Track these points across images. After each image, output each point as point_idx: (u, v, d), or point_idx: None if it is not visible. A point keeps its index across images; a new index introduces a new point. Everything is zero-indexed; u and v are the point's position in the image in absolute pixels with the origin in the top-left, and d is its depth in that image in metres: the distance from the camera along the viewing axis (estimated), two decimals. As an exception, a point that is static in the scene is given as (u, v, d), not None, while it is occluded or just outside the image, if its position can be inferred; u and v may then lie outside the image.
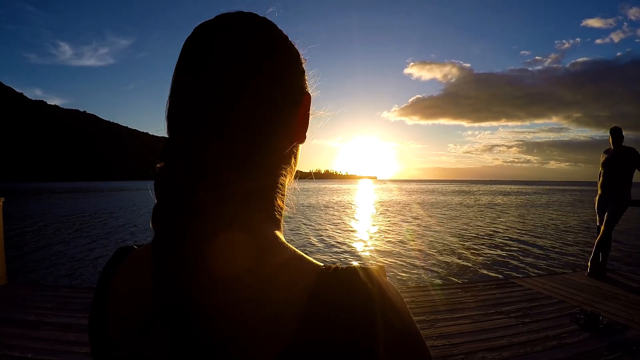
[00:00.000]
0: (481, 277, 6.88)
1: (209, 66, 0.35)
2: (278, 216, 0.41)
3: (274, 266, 0.33)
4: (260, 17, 0.40)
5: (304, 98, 0.41)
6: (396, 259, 8.70)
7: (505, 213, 21.59)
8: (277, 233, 0.38)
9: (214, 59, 0.35)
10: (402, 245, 10.47)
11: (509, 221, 17.11)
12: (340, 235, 12.51)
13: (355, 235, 12.71)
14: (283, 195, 0.42)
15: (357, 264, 0.36)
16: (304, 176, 0.48)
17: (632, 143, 4.86)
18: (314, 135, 0.46)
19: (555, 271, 7.02)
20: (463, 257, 8.82)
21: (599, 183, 5.04)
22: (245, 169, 0.36)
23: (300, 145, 0.44)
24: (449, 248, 10.02)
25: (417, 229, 14.30)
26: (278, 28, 0.41)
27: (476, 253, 9.39)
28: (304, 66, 0.43)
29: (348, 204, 29.40)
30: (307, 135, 0.43)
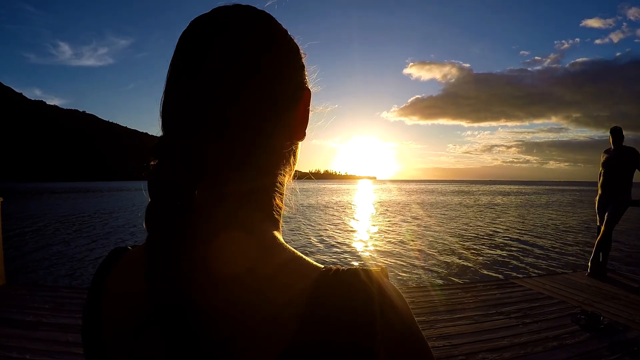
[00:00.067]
0: (481, 278, 6.88)
1: (208, 65, 0.34)
2: (277, 216, 0.40)
3: (273, 267, 0.33)
4: (259, 10, 0.39)
5: (303, 94, 0.40)
6: (396, 259, 8.70)
7: (505, 213, 21.61)
8: (275, 233, 0.37)
9: (213, 58, 0.34)
10: (402, 246, 10.47)
11: (509, 221, 17.12)
12: (340, 235, 12.51)
13: (355, 235, 12.71)
14: (282, 194, 0.42)
15: (359, 265, 0.35)
16: (303, 176, 0.47)
17: (632, 143, 4.86)
18: (315, 133, 0.45)
19: (555, 271, 7.02)
20: (463, 258, 8.82)
21: (599, 183, 5.03)
22: (244, 169, 0.36)
23: (299, 143, 0.43)
24: (449, 248, 10.02)
25: (417, 229, 14.30)
26: (277, 22, 0.40)
27: (476, 253, 9.39)
28: (303, 61, 0.42)
29: (348, 204, 29.42)
30: (307, 132, 0.42)
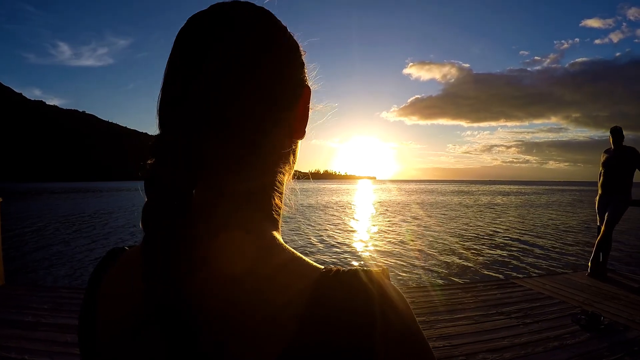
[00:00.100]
0: (481, 278, 6.88)
1: (208, 66, 0.33)
2: (276, 216, 0.40)
3: (272, 267, 0.33)
4: (258, 7, 0.39)
5: (303, 91, 0.40)
6: (396, 259, 8.70)
7: (505, 213, 21.62)
8: (275, 234, 0.37)
9: (213, 58, 0.34)
10: (402, 246, 10.46)
11: (509, 221, 17.13)
12: (340, 235, 12.51)
13: (355, 235, 12.71)
14: (281, 194, 0.41)
15: (359, 266, 0.35)
16: (302, 177, 0.47)
17: (632, 143, 4.87)
18: (314, 133, 0.44)
19: (555, 271, 7.02)
20: (463, 258, 8.82)
21: (599, 183, 5.03)
22: (244, 169, 0.36)
23: (299, 142, 0.42)
24: (449, 248, 10.02)
25: (417, 229, 14.30)
26: (276, 18, 0.39)
27: (476, 253, 9.38)
28: (303, 58, 0.41)
29: (347, 204, 29.43)
30: (306, 131, 0.41)
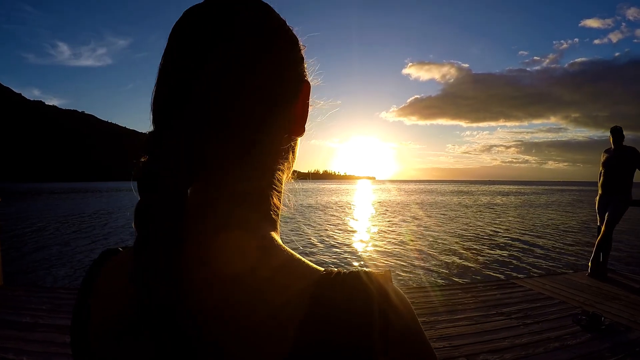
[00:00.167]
0: (482, 278, 6.87)
1: (208, 66, 0.32)
2: (274, 216, 0.39)
3: (271, 268, 0.32)
4: (257, 1, 0.37)
5: (302, 87, 0.39)
6: (396, 259, 8.69)
7: (504, 213, 21.63)
8: (273, 234, 0.36)
9: (214, 58, 0.33)
10: (402, 246, 10.46)
11: (509, 221, 17.13)
12: (340, 235, 12.50)
13: (356, 235, 12.70)
14: (280, 192, 0.40)
15: (361, 268, 0.34)
16: (302, 177, 0.46)
17: (631, 143, 4.87)
18: (314, 132, 0.43)
19: (555, 271, 7.01)
20: (463, 258, 8.81)
21: (599, 183, 5.02)
22: (242, 167, 0.35)
23: (299, 139, 0.41)
24: (449, 248, 10.01)
25: (417, 229, 14.29)
26: (276, 13, 0.38)
27: (476, 253, 9.37)
28: (302, 53, 0.40)
29: (347, 205, 29.42)
30: (306, 128, 0.40)
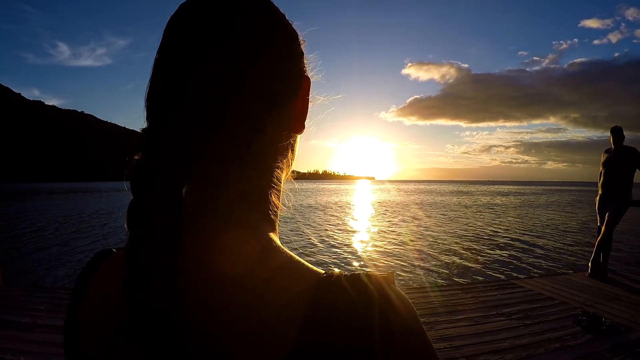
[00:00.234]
0: (482, 278, 6.85)
1: (208, 65, 0.31)
2: (273, 217, 0.38)
3: (270, 270, 0.31)
4: None
5: (302, 82, 0.38)
6: (396, 259, 8.68)
7: (504, 213, 21.62)
8: (272, 235, 0.35)
9: (213, 58, 0.31)
10: (402, 246, 10.45)
11: (509, 221, 17.12)
12: (340, 235, 12.49)
13: (356, 235, 12.69)
14: (279, 191, 0.39)
15: (363, 270, 0.33)
16: (301, 177, 0.45)
17: (631, 143, 4.86)
18: (314, 132, 0.42)
19: (556, 272, 7.00)
20: (463, 258, 8.80)
21: (599, 183, 5.01)
22: (240, 165, 0.34)
23: (298, 137, 0.40)
24: (449, 249, 10.00)
25: (417, 229, 14.28)
26: (274, 5, 0.37)
27: (476, 254, 9.37)
28: (302, 48, 0.39)
29: (347, 205, 29.42)
30: (306, 125, 0.39)
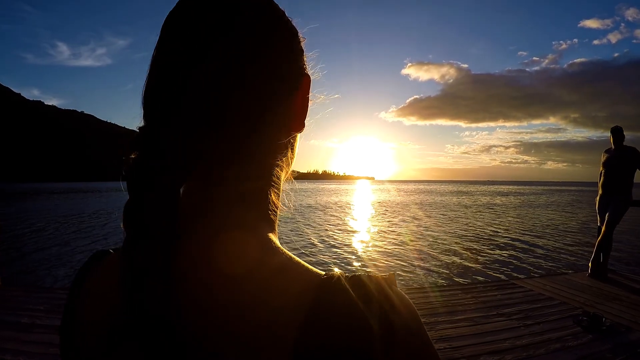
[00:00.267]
0: (482, 278, 6.84)
1: (208, 65, 0.31)
2: (272, 216, 0.37)
3: (270, 270, 0.31)
4: None
5: (302, 80, 0.37)
6: (396, 259, 8.68)
7: (504, 213, 21.62)
8: (271, 236, 0.34)
9: (213, 58, 0.31)
10: (402, 246, 10.44)
11: (509, 222, 17.12)
12: (340, 235, 12.48)
13: (356, 235, 12.68)
14: (278, 190, 0.38)
15: (365, 272, 0.32)
16: (301, 177, 0.44)
17: (630, 143, 4.86)
18: (314, 131, 0.41)
19: (556, 272, 6.99)
20: (463, 258, 8.80)
21: (599, 183, 5.01)
22: (242, 166, 0.34)
23: (298, 135, 0.39)
24: (449, 249, 9.99)
25: (417, 229, 14.27)
26: (274, 4, 0.36)
27: (476, 254, 9.36)
28: (302, 45, 0.38)
29: (347, 205, 29.41)
30: (306, 123, 0.38)
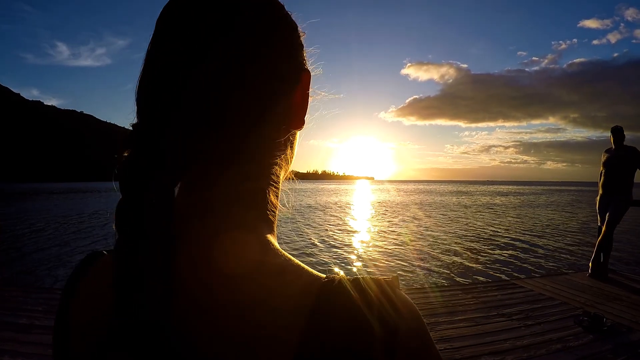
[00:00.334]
0: (482, 278, 6.84)
1: (208, 65, 0.30)
2: (271, 217, 0.36)
3: (270, 272, 0.30)
4: None
5: (302, 76, 0.36)
6: (397, 259, 8.67)
7: (504, 213, 21.62)
8: (269, 237, 0.33)
9: (213, 57, 0.30)
10: (402, 246, 10.43)
11: (509, 221, 17.12)
12: (340, 235, 12.48)
13: (356, 235, 12.68)
14: (277, 189, 0.37)
15: (367, 274, 0.31)
16: (301, 177, 0.43)
17: (630, 143, 4.86)
18: (314, 130, 0.41)
19: (556, 272, 6.99)
20: (463, 258, 8.79)
21: (600, 183, 5.00)
22: (241, 166, 0.33)
23: (298, 133, 0.38)
24: (449, 249, 9.99)
25: (417, 229, 14.27)
26: (273, 1, 0.35)
27: (476, 254, 9.36)
28: (302, 40, 0.37)
29: (347, 205, 29.41)
30: (305, 120, 0.37)
